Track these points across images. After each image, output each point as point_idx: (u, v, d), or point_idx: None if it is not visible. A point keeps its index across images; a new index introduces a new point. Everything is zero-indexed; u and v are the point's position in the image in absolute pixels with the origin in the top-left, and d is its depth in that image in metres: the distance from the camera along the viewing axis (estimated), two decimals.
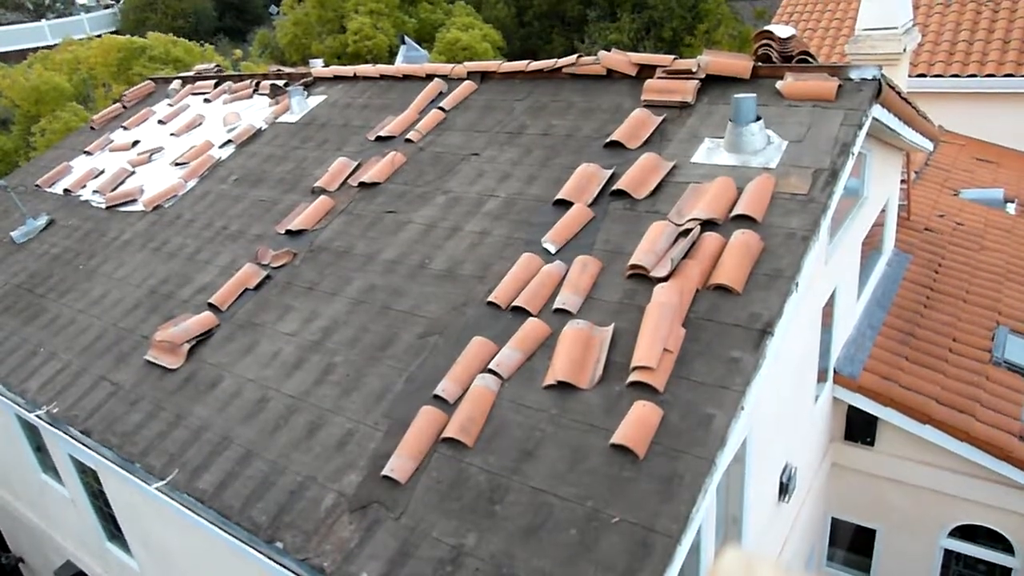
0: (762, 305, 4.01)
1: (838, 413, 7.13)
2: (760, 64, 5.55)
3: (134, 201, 8.08)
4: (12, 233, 8.55)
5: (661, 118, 5.60)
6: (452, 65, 7.62)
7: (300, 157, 7.42)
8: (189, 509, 4.50)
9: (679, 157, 5.20)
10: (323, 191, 6.63)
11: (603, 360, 4.04)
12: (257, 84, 9.40)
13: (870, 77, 5.02)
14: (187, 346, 5.56)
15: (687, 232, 4.50)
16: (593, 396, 3.93)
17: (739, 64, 5.57)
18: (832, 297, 6.40)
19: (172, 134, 9.23)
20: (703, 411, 3.66)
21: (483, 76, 7.27)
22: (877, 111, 5.16)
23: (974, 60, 12.89)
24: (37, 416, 5.84)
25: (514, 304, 4.61)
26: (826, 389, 6.77)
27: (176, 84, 10.75)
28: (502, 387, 4.19)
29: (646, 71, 6.08)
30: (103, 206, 8.27)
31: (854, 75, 5.08)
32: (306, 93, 8.51)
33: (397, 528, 3.78)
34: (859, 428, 7.06)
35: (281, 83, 8.96)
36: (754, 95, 4.94)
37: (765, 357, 3.81)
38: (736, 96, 4.90)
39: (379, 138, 7.03)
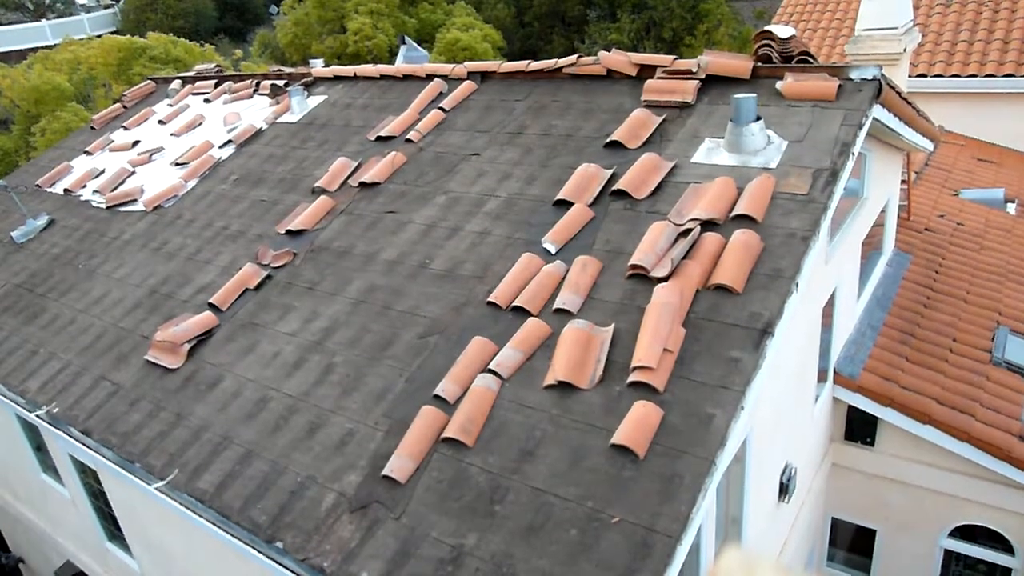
0: (762, 305, 4.01)
1: (838, 413, 7.13)
2: (760, 64, 5.55)
3: (134, 201, 8.08)
4: (12, 233, 8.55)
5: (661, 118, 5.61)
6: (452, 65, 7.62)
7: (300, 157, 7.42)
8: (189, 509, 4.50)
9: (679, 157, 5.21)
10: (323, 191, 6.63)
11: (603, 360, 4.04)
12: (257, 84, 9.40)
13: (870, 77, 5.02)
14: (187, 346, 5.56)
15: (687, 232, 4.50)
16: (593, 396, 3.93)
17: (739, 64, 5.57)
18: (832, 297, 6.40)
19: (172, 134, 9.23)
20: (703, 411, 3.66)
21: (483, 76, 7.27)
22: (877, 111, 5.17)
23: (974, 60, 12.89)
24: (37, 416, 5.84)
25: (514, 304, 4.61)
26: (826, 389, 6.78)
27: (176, 84, 10.75)
28: (502, 387, 4.19)
29: (646, 71, 6.08)
30: (103, 206, 8.27)
31: (854, 75, 5.08)
32: (306, 93, 8.51)
33: (397, 528, 3.78)
34: (859, 428, 7.06)
35: (281, 83, 8.96)
36: (754, 95, 4.94)
37: (765, 357, 3.81)
38: (736, 96, 4.91)
39: (379, 138, 7.03)
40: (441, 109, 7.00)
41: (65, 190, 9.11)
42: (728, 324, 3.99)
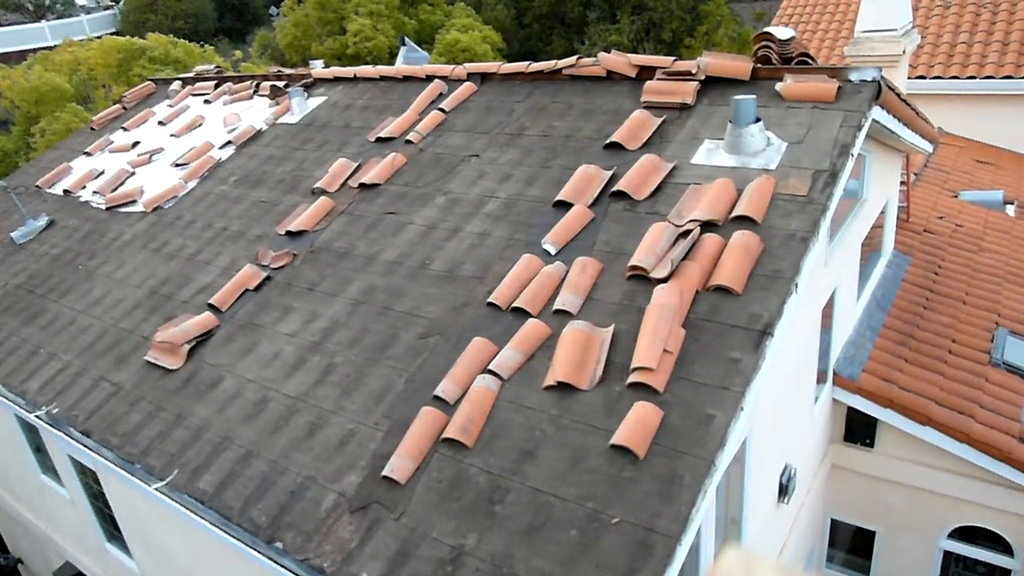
0: (762, 306, 4.01)
1: (838, 414, 7.14)
2: (760, 66, 5.56)
3: (134, 202, 8.09)
4: (12, 234, 8.55)
5: (661, 119, 5.61)
6: (452, 66, 7.62)
7: (300, 158, 7.43)
8: (189, 510, 4.50)
9: (679, 158, 5.21)
10: (323, 192, 6.64)
11: (603, 361, 4.05)
12: (257, 85, 9.41)
13: (869, 79, 5.03)
14: (187, 347, 5.57)
15: (687, 233, 4.51)
16: (593, 397, 3.94)
17: (739, 66, 5.58)
18: (832, 298, 6.40)
19: (172, 135, 9.24)
20: (703, 412, 3.67)
21: (483, 77, 7.28)
22: (876, 113, 5.17)
23: (973, 62, 12.91)
24: (37, 417, 5.84)
25: (514, 305, 4.62)
26: (826, 390, 6.78)
27: (176, 85, 10.75)
28: (502, 388, 4.19)
29: (646, 72, 6.09)
30: (103, 207, 8.28)
31: (853, 77, 5.09)
32: (306, 94, 8.52)
33: (397, 528, 3.79)
34: (859, 429, 7.07)
35: (281, 84, 8.96)
36: (754, 96, 4.95)
37: (765, 358, 3.81)
38: (736, 97, 4.91)
39: (379, 139, 7.03)
40: (441, 110, 7.01)
41: (65, 191, 9.11)
42: (728, 325, 3.99)
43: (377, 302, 5.23)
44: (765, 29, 5.65)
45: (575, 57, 6.74)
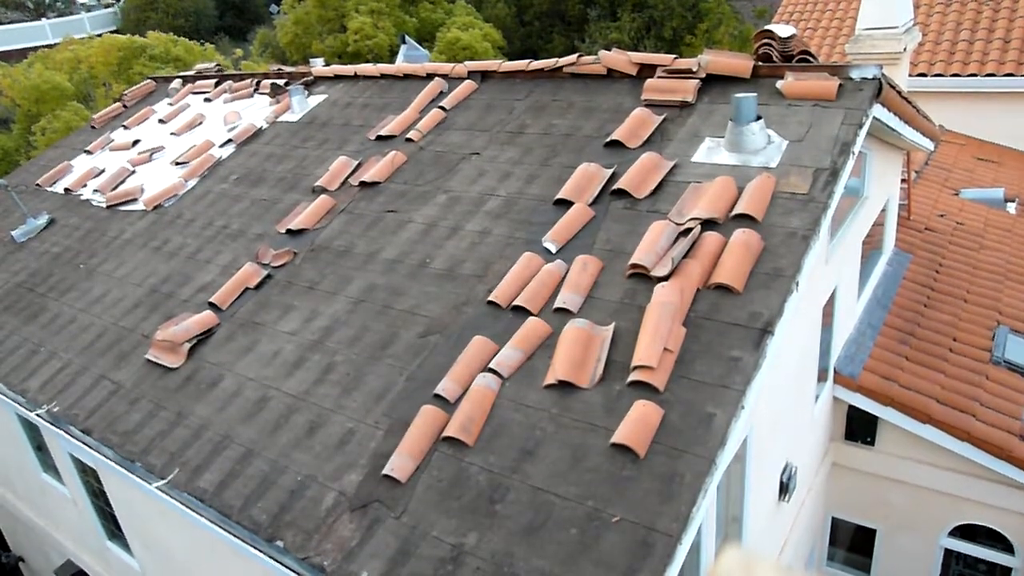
0: (762, 304, 4.01)
1: (838, 412, 7.13)
2: (761, 63, 5.55)
3: (134, 200, 8.08)
4: (13, 232, 8.55)
5: (661, 117, 5.60)
6: (452, 64, 7.61)
7: (301, 156, 7.42)
8: (189, 508, 4.50)
9: (679, 156, 5.21)
10: (324, 190, 6.63)
11: (603, 359, 4.04)
12: (258, 83, 9.40)
13: (870, 76, 5.02)
14: (187, 345, 5.57)
15: (688, 231, 4.50)
16: (594, 395, 3.93)
17: (740, 63, 5.57)
18: (832, 296, 6.40)
19: (172, 133, 9.23)
20: (703, 410, 3.66)
21: (483, 75, 7.27)
22: (878, 110, 5.16)
23: (974, 59, 12.88)
24: (37, 415, 5.84)
25: (515, 303, 4.61)
26: (826, 388, 6.78)
27: (176, 83, 10.75)
28: (502, 386, 4.19)
29: (646, 70, 6.08)
30: (103, 205, 8.27)
31: (855, 74, 5.08)
32: (307, 92, 8.51)
33: (398, 527, 3.79)
34: (859, 428, 7.07)
35: (282, 82, 8.96)
36: (755, 94, 4.93)
37: (765, 356, 3.81)
38: (736, 95, 4.90)
39: (380, 137, 7.03)
40: (441, 108, 7.00)
41: (65, 189, 9.11)
42: (728, 323, 3.99)
43: (377, 300, 5.23)
44: (766, 27, 5.64)
45: (576, 55, 6.73)
